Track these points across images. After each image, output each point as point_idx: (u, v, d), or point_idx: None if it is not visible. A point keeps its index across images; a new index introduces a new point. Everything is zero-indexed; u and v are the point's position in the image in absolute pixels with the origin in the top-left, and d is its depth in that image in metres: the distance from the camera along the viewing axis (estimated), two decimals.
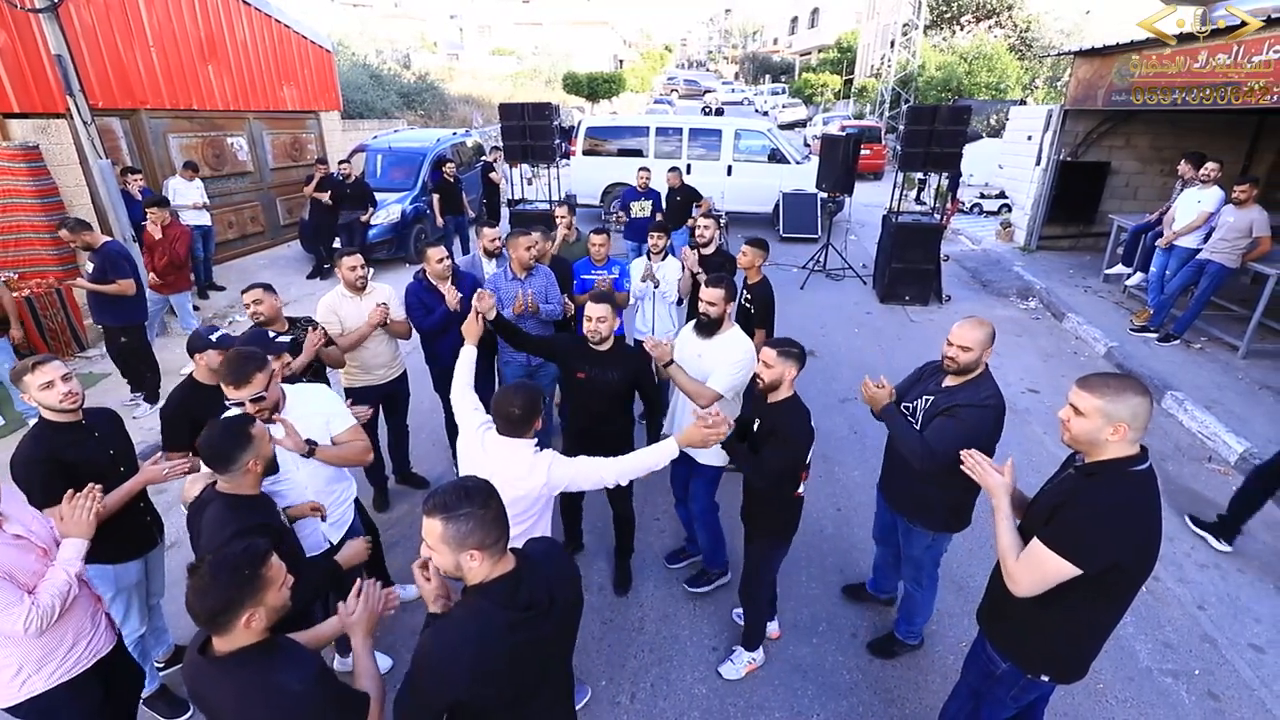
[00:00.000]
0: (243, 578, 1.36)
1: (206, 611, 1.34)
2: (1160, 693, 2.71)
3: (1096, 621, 1.72)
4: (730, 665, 2.76)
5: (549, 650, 1.48)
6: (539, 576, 1.45)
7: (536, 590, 1.42)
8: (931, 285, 7.50)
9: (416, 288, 3.74)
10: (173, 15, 7.42)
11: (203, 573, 1.35)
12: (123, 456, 2.44)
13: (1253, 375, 5.28)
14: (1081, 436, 1.64)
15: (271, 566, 1.43)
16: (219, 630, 1.36)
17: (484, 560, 1.37)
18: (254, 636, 1.39)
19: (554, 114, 7.53)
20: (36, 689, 1.85)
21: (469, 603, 1.41)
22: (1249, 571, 3.38)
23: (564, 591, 1.51)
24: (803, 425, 2.33)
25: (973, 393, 2.24)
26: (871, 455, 4.36)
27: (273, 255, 9.22)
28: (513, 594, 1.39)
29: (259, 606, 1.38)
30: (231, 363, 2.17)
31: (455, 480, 1.45)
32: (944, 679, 2.74)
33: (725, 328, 2.81)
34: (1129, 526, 1.56)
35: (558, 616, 1.46)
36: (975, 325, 2.25)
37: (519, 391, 2.06)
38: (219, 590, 1.33)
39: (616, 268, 4.15)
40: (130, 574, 2.50)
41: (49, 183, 5.84)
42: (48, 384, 2.15)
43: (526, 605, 1.39)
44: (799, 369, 2.33)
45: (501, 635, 1.36)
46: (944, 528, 2.49)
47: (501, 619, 1.36)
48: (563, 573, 1.55)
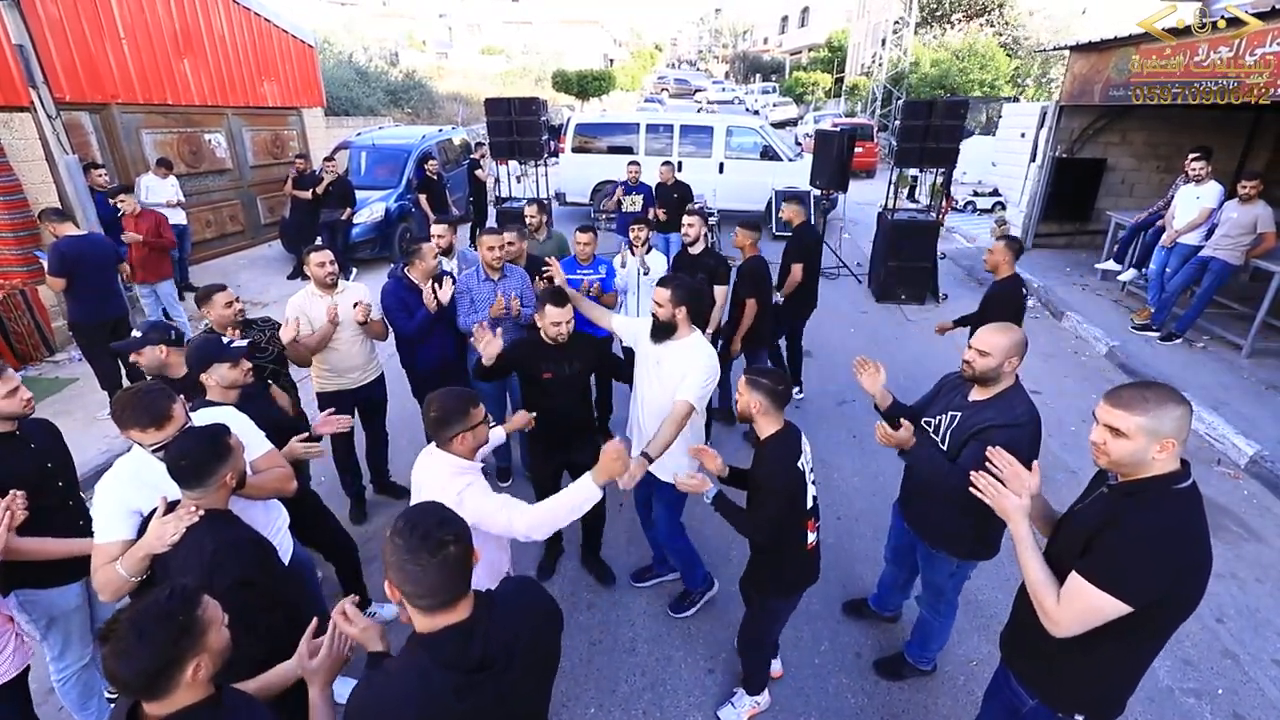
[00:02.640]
0: (178, 625, 1.16)
1: (140, 676, 1.12)
2: (1183, 714, 2.56)
3: (1139, 657, 1.55)
4: (730, 709, 2.52)
5: (509, 711, 1.24)
6: (498, 627, 1.22)
7: (492, 644, 1.20)
8: (928, 284, 7.36)
9: (396, 287, 3.53)
10: (145, 6, 7.15)
11: (122, 633, 1.12)
12: (60, 471, 2.24)
13: (1259, 375, 5.16)
14: (1125, 460, 1.44)
15: (207, 606, 1.23)
16: (158, 694, 1.15)
17: (411, 608, 1.18)
18: (199, 692, 1.19)
19: (541, 109, 7.34)
20: None
21: (406, 655, 1.21)
22: (1268, 581, 3.24)
23: (531, 640, 1.28)
24: (781, 468, 2.05)
25: (1004, 410, 2.01)
26: (871, 460, 4.20)
27: (253, 255, 8.95)
28: (460, 650, 1.17)
29: (202, 653, 1.18)
30: (142, 402, 1.84)
31: (426, 506, 1.25)
32: (954, 701, 2.58)
33: (682, 332, 2.59)
34: (1179, 552, 1.38)
35: (521, 673, 1.24)
36: (998, 330, 2.05)
37: (445, 394, 1.88)
38: (152, 648, 1.12)
39: (604, 267, 3.98)
40: (68, 599, 2.26)
41: (12, 179, 5.56)
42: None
43: (477, 664, 1.18)
44: (770, 402, 2.05)
45: (444, 699, 1.15)
46: (970, 555, 2.28)
47: (443, 681, 1.15)
48: (533, 619, 1.33)
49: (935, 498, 2.17)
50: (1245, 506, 3.80)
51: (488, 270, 3.53)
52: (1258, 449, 4.09)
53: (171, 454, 1.67)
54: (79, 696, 2.38)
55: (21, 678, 1.99)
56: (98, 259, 4.45)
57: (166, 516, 1.66)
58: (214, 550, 1.63)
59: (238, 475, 1.76)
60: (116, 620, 1.14)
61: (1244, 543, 3.51)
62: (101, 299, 4.46)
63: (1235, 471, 4.12)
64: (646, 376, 2.70)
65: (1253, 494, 3.91)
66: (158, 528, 1.65)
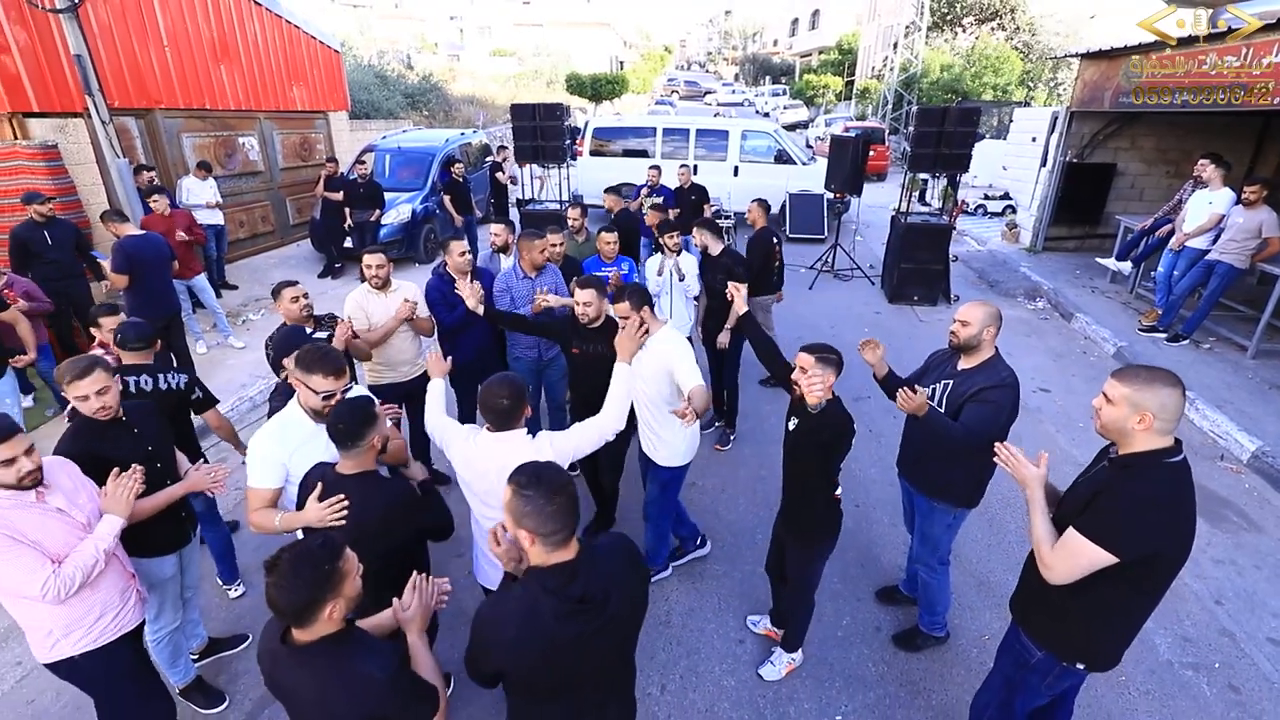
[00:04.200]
0: (323, 573, 1.38)
1: (291, 607, 1.36)
2: (1181, 685, 2.76)
3: (1130, 611, 1.76)
4: (770, 667, 2.78)
5: (596, 647, 1.46)
6: (598, 572, 1.45)
7: (592, 585, 1.42)
8: (940, 286, 7.54)
9: (438, 283, 3.78)
10: (186, 15, 7.46)
11: (282, 569, 1.36)
12: (159, 453, 2.49)
13: (1262, 375, 5.33)
14: (1110, 424, 1.69)
15: (347, 559, 1.45)
16: (302, 623, 1.39)
17: (537, 545, 1.41)
18: (334, 627, 1.42)
19: (565, 114, 7.58)
20: (64, 653, 1.96)
21: (524, 582, 1.46)
22: (1265, 567, 3.43)
23: (623, 593, 1.50)
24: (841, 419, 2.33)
25: (990, 374, 2.38)
26: (887, 453, 4.40)
27: (282, 255, 9.25)
28: (565, 584, 1.40)
29: (339, 598, 1.40)
30: (328, 355, 2.23)
31: (542, 463, 1.49)
32: (968, 670, 2.79)
33: (653, 329, 2.81)
34: (1163, 517, 1.61)
35: (612, 617, 1.46)
36: (976, 305, 2.44)
37: (502, 383, 2.09)
38: (301, 586, 1.35)
39: (626, 264, 4.27)
40: (164, 569, 2.53)
41: (67, 181, 5.88)
42: (83, 398, 2.17)
43: (579, 598, 1.40)
44: (835, 375, 2.33)
45: (545, 622, 1.38)
46: (965, 503, 2.60)
47: (548, 606, 1.38)
48: (626, 574, 1.54)
49: (935, 454, 2.51)
50: (1246, 499, 3.99)
51: (527, 268, 3.79)
52: (1259, 445, 4.27)
53: (331, 420, 1.96)
54: (170, 656, 2.63)
55: (139, 630, 2.24)
56: (156, 257, 4.74)
57: (323, 502, 1.92)
58: (389, 506, 1.96)
59: (382, 440, 2.03)
60: (279, 558, 1.38)
61: (1244, 532, 3.69)
62: (160, 296, 4.74)
63: (1238, 466, 4.30)
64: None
65: (1254, 487, 4.10)
66: (316, 511, 1.91)
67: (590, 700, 1.56)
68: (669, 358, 2.79)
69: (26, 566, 1.77)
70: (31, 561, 1.78)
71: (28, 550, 1.77)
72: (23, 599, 1.84)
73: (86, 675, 2.04)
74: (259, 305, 7.33)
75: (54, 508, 1.89)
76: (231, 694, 2.75)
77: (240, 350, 6.06)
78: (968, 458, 2.28)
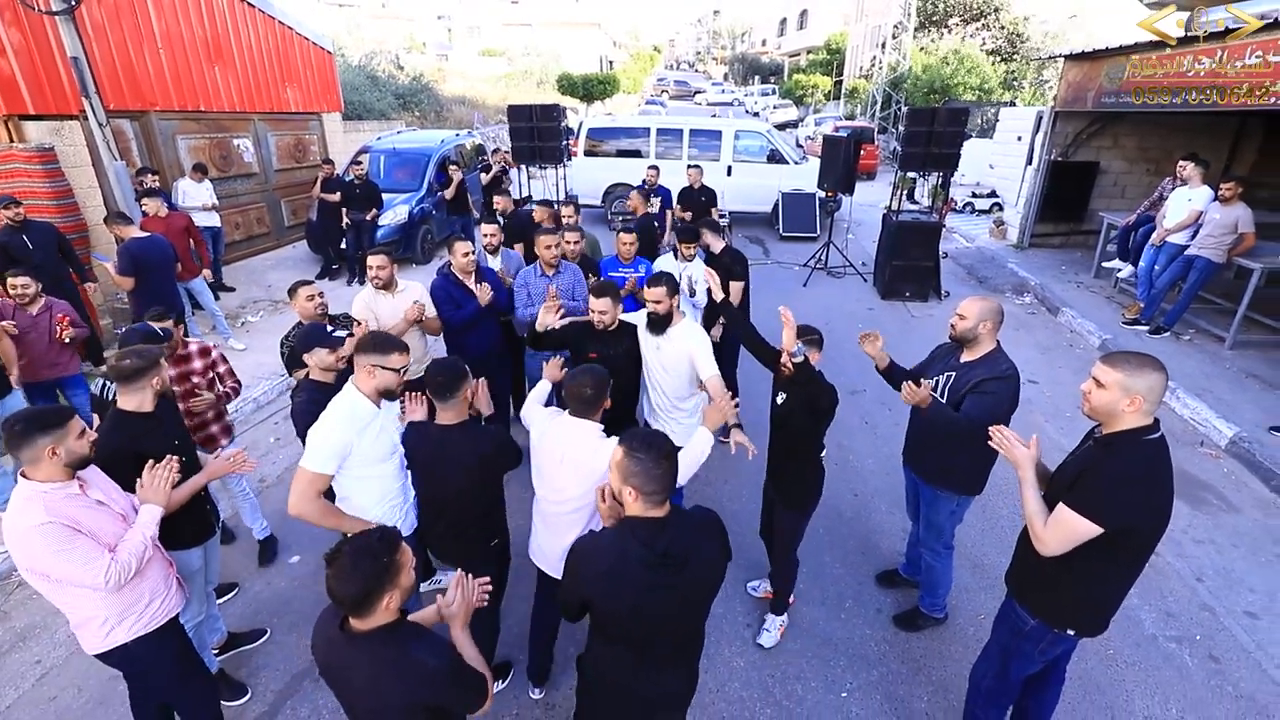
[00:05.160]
0: (381, 565, 1.42)
1: (351, 597, 1.41)
2: (1165, 657, 2.91)
3: (1116, 578, 1.89)
4: (766, 634, 2.95)
5: (669, 601, 1.64)
6: (683, 535, 1.63)
7: (675, 545, 1.60)
8: (931, 282, 7.72)
9: (443, 283, 3.85)
10: (180, 17, 7.45)
11: (343, 562, 1.41)
12: (184, 446, 2.56)
13: (1239, 365, 5.54)
14: (1101, 407, 1.81)
15: (404, 551, 1.50)
16: (361, 613, 1.44)
17: (639, 500, 1.60)
18: (389, 617, 1.48)
19: (561, 115, 7.66)
20: (118, 640, 2.04)
21: (619, 529, 1.67)
22: (1242, 546, 3.60)
23: (702, 559, 1.66)
24: (828, 389, 2.57)
25: (992, 366, 2.48)
26: (883, 444, 4.54)
27: (278, 256, 9.25)
28: (653, 537, 1.59)
29: (396, 589, 1.46)
30: (389, 338, 2.39)
31: (652, 431, 1.73)
32: (966, 647, 2.92)
33: (676, 320, 3.03)
34: (1145, 489, 1.74)
35: (689, 578, 1.63)
36: (975, 300, 2.57)
37: (588, 373, 2.23)
38: (361, 577, 1.40)
39: (643, 266, 4.31)
40: (193, 561, 2.61)
41: (64, 184, 5.88)
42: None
43: (663, 553, 1.58)
44: (818, 353, 2.60)
45: (630, 565, 1.58)
46: (968, 490, 2.72)
47: (636, 552, 1.58)
48: (709, 545, 1.69)
49: (937, 443, 2.64)
50: (1225, 482, 4.17)
51: (545, 267, 3.88)
52: (1236, 430, 4.46)
53: (429, 376, 2.27)
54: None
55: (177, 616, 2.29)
56: (161, 260, 4.78)
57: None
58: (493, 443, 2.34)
59: (471, 393, 2.36)
60: (340, 550, 1.44)
61: (1222, 514, 3.87)
62: (165, 298, 4.75)
63: (1216, 452, 4.48)
64: (649, 361, 3.14)
65: (1231, 471, 4.28)
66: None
67: (656, 653, 1.73)
68: (692, 347, 2.95)
69: (88, 556, 1.83)
70: (92, 551, 1.85)
71: (87, 540, 1.84)
72: (81, 590, 1.90)
73: (140, 660, 2.11)
74: (257, 307, 7.36)
75: (94, 500, 1.97)
76: (253, 687, 2.82)
77: (241, 352, 6.08)
78: (969, 447, 2.39)
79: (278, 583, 3.38)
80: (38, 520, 1.79)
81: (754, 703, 2.70)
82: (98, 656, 2.07)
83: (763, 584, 3.20)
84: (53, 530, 1.79)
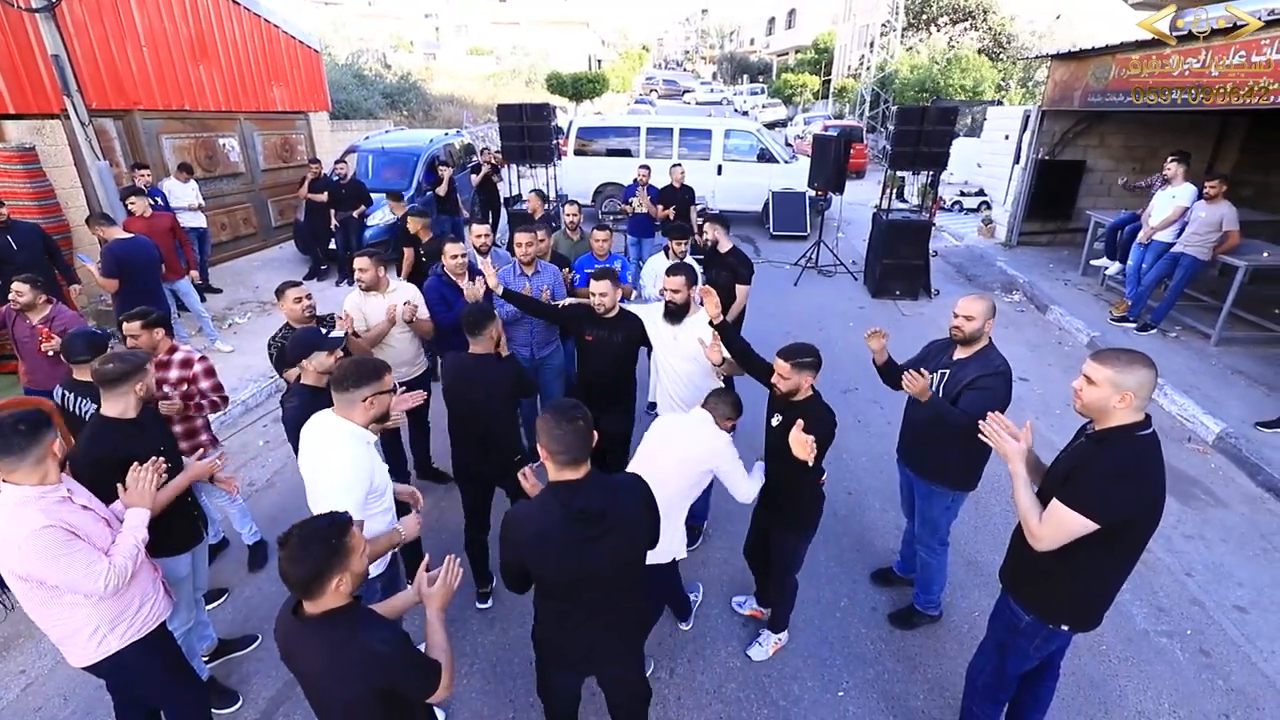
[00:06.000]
0: (330, 547, 1.45)
1: (300, 579, 1.44)
2: (1157, 651, 2.94)
3: (1109, 573, 1.91)
4: (758, 647, 2.89)
5: (593, 554, 1.75)
6: (600, 493, 1.76)
7: (592, 502, 1.73)
8: (921, 280, 7.76)
9: (436, 284, 3.84)
10: (164, 14, 7.33)
11: (293, 544, 1.44)
12: (169, 452, 2.51)
13: (1225, 361, 5.61)
14: (1093, 404, 1.82)
15: (353, 535, 1.53)
16: (311, 595, 1.46)
17: (550, 461, 1.74)
18: (341, 600, 1.50)
19: (552, 114, 7.63)
20: (111, 648, 2.00)
21: (541, 493, 1.82)
22: (1230, 541, 3.64)
23: (621, 515, 1.79)
24: (826, 416, 2.44)
25: (985, 363, 2.52)
26: (876, 442, 4.55)
27: (265, 257, 9.14)
28: (570, 496, 1.72)
29: (345, 572, 1.48)
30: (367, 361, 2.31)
31: (567, 399, 1.86)
32: (960, 644, 2.93)
33: (692, 310, 3.15)
34: (1137, 484, 1.75)
35: (613, 534, 1.76)
36: (976, 299, 2.57)
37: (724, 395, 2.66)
38: (311, 559, 1.43)
39: (618, 262, 4.35)
40: (180, 567, 2.56)
41: (45, 185, 5.77)
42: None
43: (579, 511, 1.71)
44: (815, 376, 2.48)
45: (553, 524, 1.72)
46: (963, 486, 2.74)
47: (557, 512, 1.73)
48: (629, 503, 1.84)
49: (932, 439, 2.66)
50: (1212, 478, 4.22)
51: (523, 267, 3.86)
52: (1223, 427, 4.51)
53: (464, 316, 2.86)
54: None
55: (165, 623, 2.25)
56: (146, 261, 4.70)
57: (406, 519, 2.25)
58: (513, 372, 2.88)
59: (499, 334, 2.93)
60: (291, 534, 1.46)
61: (1210, 509, 3.91)
62: (150, 299, 4.68)
63: (1204, 447, 4.54)
64: (666, 351, 3.23)
65: (1218, 466, 4.33)
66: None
67: (588, 601, 1.85)
68: (706, 331, 2.99)
69: (87, 560, 1.81)
70: (90, 555, 1.82)
71: (84, 545, 1.81)
72: (75, 598, 1.86)
73: (131, 668, 2.06)
74: (244, 309, 7.26)
75: (80, 505, 1.92)
76: (244, 694, 2.77)
77: (228, 354, 6.00)
78: (962, 442, 2.40)
79: (268, 588, 3.33)
80: (37, 524, 1.75)
81: (750, 703, 2.69)
82: (87, 669, 2.02)
83: (749, 601, 3.13)
84: (53, 535, 1.76)
